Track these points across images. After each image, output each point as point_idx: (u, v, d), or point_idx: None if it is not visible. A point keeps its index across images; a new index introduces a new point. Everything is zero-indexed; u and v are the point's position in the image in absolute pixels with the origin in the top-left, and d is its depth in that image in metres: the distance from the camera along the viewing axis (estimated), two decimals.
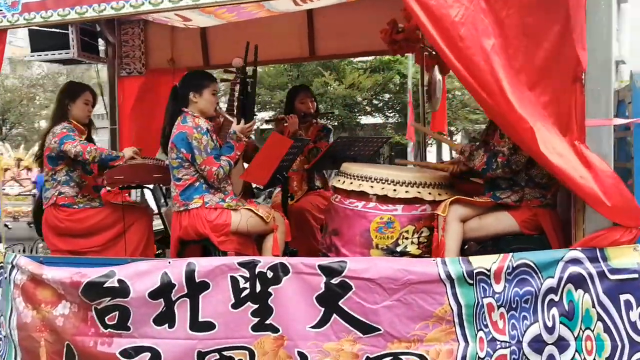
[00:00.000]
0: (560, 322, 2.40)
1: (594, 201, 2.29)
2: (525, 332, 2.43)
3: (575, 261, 2.38)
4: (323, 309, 2.65)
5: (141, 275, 2.85)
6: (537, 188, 2.67)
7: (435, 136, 3.15)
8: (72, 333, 2.95)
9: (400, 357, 2.54)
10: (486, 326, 2.47)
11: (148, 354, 2.84)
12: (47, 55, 4.61)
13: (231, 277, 2.76)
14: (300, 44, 4.53)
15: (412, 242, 2.83)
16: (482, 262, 2.46)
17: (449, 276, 2.46)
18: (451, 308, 2.47)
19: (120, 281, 2.84)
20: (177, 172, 3.20)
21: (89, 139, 3.70)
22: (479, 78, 2.34)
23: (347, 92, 14.14)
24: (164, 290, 2.81)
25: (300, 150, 3.55)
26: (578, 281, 2.39)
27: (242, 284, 2.75)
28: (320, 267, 2.64)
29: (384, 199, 2.82)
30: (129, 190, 4.20)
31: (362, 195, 2.85)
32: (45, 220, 3.63)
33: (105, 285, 2.86)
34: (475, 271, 2.44)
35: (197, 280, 2.78)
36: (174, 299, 2.80)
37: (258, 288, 2.73)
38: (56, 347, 3.00)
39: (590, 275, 2.37)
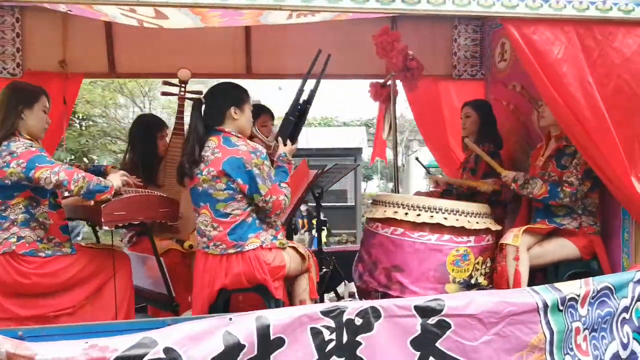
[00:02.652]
0: (633, 338, 2.64)
1: None
2: (605, 351, 2.60)
3: None
4: (419, 353, 2.41)
5: (196, 340, 2.19)
6: (590, 216, 2.89)
7: (487, 158, 3.16)
8: None
9: None
10: (571, 349, 2.57)
11: None
12: None
13: (312, 329, 2.32)
14: (235, 59, 4.05)
15: (481, 274, 2.77)
16: (571, 288, 2.54)
17: (545, 304, 2.49)
18: (545, 336, 2.50)
19: (167, 350, 2.14)
20: (224, 206, 2.53)
21: None
22: (578, 112, 2.47)
23: None
24: (229, 355, 2.21)
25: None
26: None
27: (327, 336, 2.33)
28: (417, 307, 2.41)
29: (459, 231, 2.71)
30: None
31: (434, 228, 2.69)
32: None
33: (146, 359, 2.12)
34: (566, 297, 2.53)
35: (271, 338, 2.27)
36: None
37: (345, 339, 2.35)
38: None
39: None
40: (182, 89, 3.48)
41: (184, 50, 3.89)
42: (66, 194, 2.73)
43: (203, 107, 2.76)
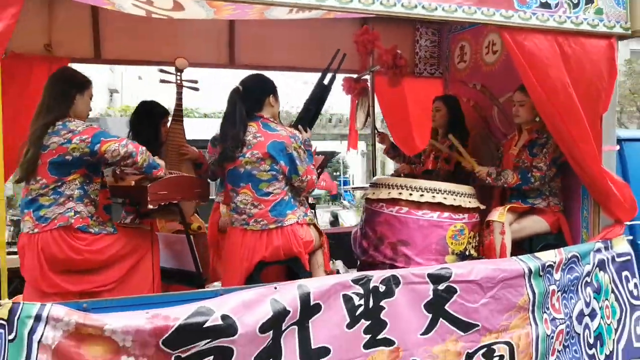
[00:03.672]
0: (593, 298, 3.15)
1: (617, 205, 3.13)
2: (573, 309, 3.09)
3: (599, 250, 3.18)
4: (430, 315, 2.76)
5: (249, 306, 2.39)
6: (556, 197, 3.36)
7: (467, 157, 3.52)
8: None
9: (492, 347, 2.86)
10: (548, 309, 3.03)
11: None
12: None
13: (344, 295, 2.60)
14: (219, 50, 4.17)
15: (472, 247, 3.17)
16: (548, 257, 3.00)
17: (530, 271, 2.93)
18: (529, 297, 2.94)
19: (224, 317, 2.32)
20: (267, 185, 2.71)
21: None
22: (559, 106, 2.93)
23: None
24: (278, 320, 2.43)
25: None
26: (601, 265, 3.18)
27: (356, 301, 2.61)
28: (429, 275, 2.76)
29: (456, 209, 3.09)
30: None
31: (436, 207, 3.05)
32: (40, 250, 2.55)
33: (205, 326, 2.29)
34: (545, 264, 2.99)
35: (311, 304, 2.51)
36: (283, 329, 2.46)
37: (371, 304, 2.64)
38: None
39: (607, 260, 3.20)
40: (179, 77, 3.58)
41: (170, 39, 3.98)
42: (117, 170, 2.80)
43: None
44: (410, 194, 3.07)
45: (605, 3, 3.03)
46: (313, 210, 3.57)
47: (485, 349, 2.85)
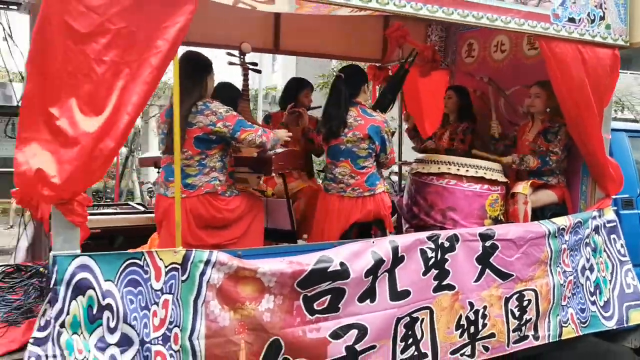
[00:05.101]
0: (592, 255, 3.95)
1: (610, 181, 3.94)
2: (578, 264, 3.87)
3: (595, 217, 3.97)
4: (480, 266, 3.43)
5: (357, 256, 2.96)
6: (563, 175, 4.11)
7: (489, 157, 4.19)
8: (281, 326, 2.77)
9: (523, 293, 3.58)
10: (560, 264, 3.78)
11: (356, 331, 2.98)
12: None
13: (421, 249, 3.21)
14: (266, 36, 4.59)
15: (502, 213, 3.87)
16: (561, 222, 3.75)
17: (549, 232, 3.66)
18: (548, 254, 3.68)
19: (342, 264, 2.88)
20: (363, 161, 3.27)
21: None
22: (579, 101, 3.67)
23: None
24: (376, 268, 3.01)
25: None
26: (596, 229, 3.98)
27: (429, 254, 3.24)
28: (480, 234, 3.42)
29: (493, 182, 3.77)
30: None
31: (477, 180, 3.71)
32: (189, 210, 2.96)
33: (329, 270, 2.84)
34: (560, 228, 3.73)
35: (399, 255, 3.11)
36: (379, 275, 3.04)
37: (439, 256, 3.28)
38: (255, 347, 2.72)
39: (600, 225, 4.00)
40: (242, 59, 4.00)
41: (222, 23, 4.35)
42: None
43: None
44: (458, 169, 3.73)
45: (612, 20, 3.77)
46: None
47: (517, 294, 3.58)
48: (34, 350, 2.38)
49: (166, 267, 2.58)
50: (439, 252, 3.28)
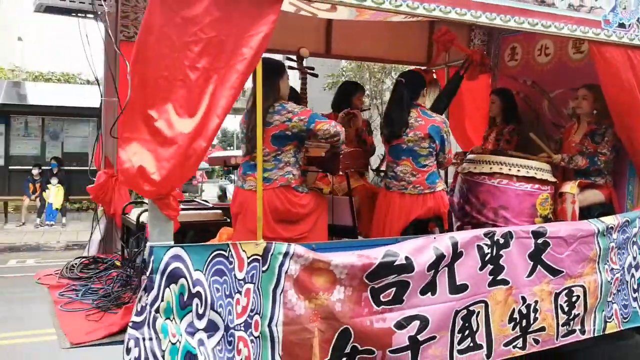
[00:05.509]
0: (638, 254, 4.07)
1: None
2: (625, 262, 4.00)
3: None
4: (532, 263, 3.58)
5: (420, 251, 3.14)
6: (609, 175, 4.24)
7: (542, 146, 4.32)
8: (351, 316, 2.95)
9: (572, 289, 3.72)
10: (607, 261, 3.91)
11: (418, 322, 3.15)
12: None
13: (478, 245, 3.37)
14: (318, 41, 4.80)
15: (551, 212, 4.02)
16: (610, 221, 3.88)
17: (597, 231, 3.80)
18: (597, 252, 3.81)
19: (406, 258, 3.06)
20: (424, 159, 3.45)
21: None
22: (627, 102, 3.80)
23: None
24: (437, 262, 3.18)
25: None
26: None
27: (485, 250, 3.39)
28: (532, 232, 3.57)
29: (543, 182, 3.92)
30: None
31: (529, 179, 3.87)
32: (266, 203, 3.14)
33: (395, 264, 3.02)
34: (608, 226, 3.86)
35: (457, 251, 3.28)
36: (439, 269, 3.21)
37: (494, 252, 3.43)
38: (327, 335, 2.91)
39: None
40: (300, 64, 4.19)
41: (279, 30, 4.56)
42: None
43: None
44: (509, 169, 3.89)
45: None
46: None
47: (567, 290, 3.71)
48: (132, 333, 2.60)
49: (248, 258, 2.78)
50: (495, 248, 3.43)
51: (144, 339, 2.60)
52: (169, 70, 2.56)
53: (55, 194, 13.25)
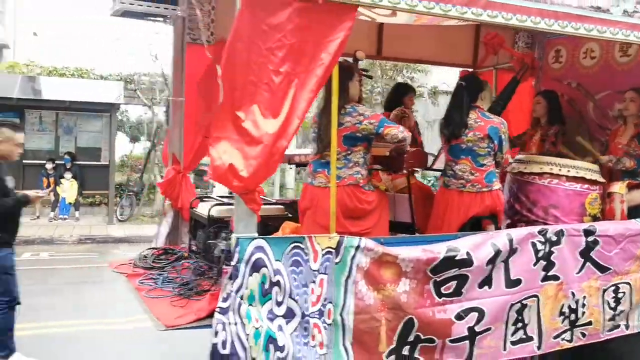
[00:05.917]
0: None
1: None
2: None
3: None
4: (582, 260, 3.73)
5: (479, 247, 3.30)
6: None
7: (589, 147, 4.47)
8: (415, 307, 3.13)
9: (619, 285, 3.87)
10: None
11: (476, 314, 3.32)
12: None
13: (532, 242, 3.53)
14: (370, 43, 4.97)
15: (600, 211, 4.16)
16: None
17: None
18: None
19: (467, 254, 3.23)
20: (483, 159, 3.63)
21: None
22: None
23: None
24: (495, 257, 3.34)
25: None
26: None
27: (539, 247, 3.55)
28: (583, 230, 3.72)
29: (593, 182, 4.07)
30: None
31: (578, 179, 4.02)
32: (336, 200, 3.30)
33: (456, 258, 3.19)
34: None
35: (513, 247, 3.44)
36: (496, 264, 3.38)
37: (547, 249, 3.59)
38: (393, 324, 3.09)
39: None
40: (356, 66, 4.36)
41: None
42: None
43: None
44: (560, 170, 4.04)
45: None
46: None
47: (614, 286, 3.86)
48: (219, 318, 2.82)
49: (322, 250, 2.97)
50: (547, 245, 3.58)
51: (229, 324, 2.81)
52: (255, 75, 2.75)
53: (68, 188, 13.64)
